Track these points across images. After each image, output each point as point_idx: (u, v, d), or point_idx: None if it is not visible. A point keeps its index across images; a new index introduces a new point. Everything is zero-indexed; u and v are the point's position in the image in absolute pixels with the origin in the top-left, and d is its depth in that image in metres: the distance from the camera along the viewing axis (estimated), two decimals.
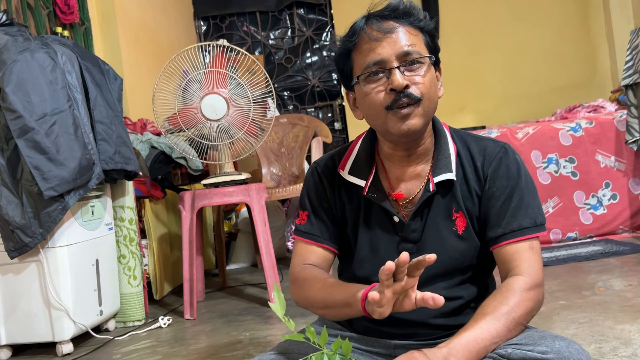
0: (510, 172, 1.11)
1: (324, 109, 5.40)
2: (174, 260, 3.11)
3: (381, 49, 1.05)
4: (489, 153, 1.13)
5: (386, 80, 1.06)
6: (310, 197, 1.24)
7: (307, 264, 1.20)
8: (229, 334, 2.20)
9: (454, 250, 1.12)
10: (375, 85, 1.07)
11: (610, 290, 2.19)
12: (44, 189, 2.00)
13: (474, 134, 1.20)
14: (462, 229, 1.12)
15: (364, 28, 1.08)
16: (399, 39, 1.06)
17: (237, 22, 5.44)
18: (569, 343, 0.97)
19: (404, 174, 1.15)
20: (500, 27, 4.97)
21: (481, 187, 1.12)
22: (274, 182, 3.76)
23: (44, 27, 2.91)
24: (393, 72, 1.05)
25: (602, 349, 1.58)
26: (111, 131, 2.31)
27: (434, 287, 1.13)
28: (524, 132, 3.29)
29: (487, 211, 1.11)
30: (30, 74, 2.04)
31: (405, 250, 1.12)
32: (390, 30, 1.06)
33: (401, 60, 1.05)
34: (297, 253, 1.24)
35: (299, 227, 1.24)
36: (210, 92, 2.53)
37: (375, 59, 1.06)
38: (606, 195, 3.27)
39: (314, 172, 1.25)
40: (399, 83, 1.04)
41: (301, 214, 1.25)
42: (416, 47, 1.06)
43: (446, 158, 1.13)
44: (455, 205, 1.12)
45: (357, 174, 1.17)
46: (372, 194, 1.14)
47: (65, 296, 2.14)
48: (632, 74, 2.99)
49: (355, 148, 1.21)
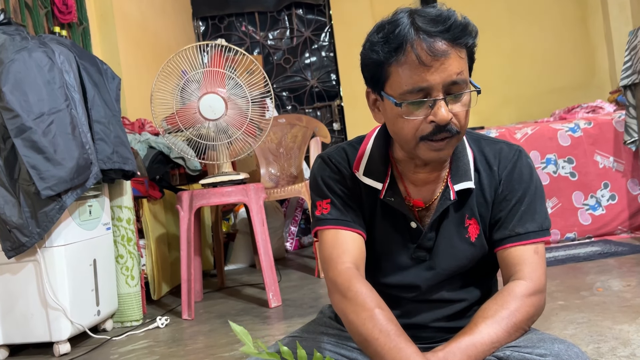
0: (523, 176, 1.09)
1: (322, 109, 5.39)
2: (172, 260, 3.10)
3: (429, 76, 0.95)
4: (504, 157, 1.11)
5: (428, 110, 0.97)
6: (328, 184, 1.13)
7: (350, 262, 1.07)
8: (226, 334, 2.19)
9: (464, 257, 1.11)
10: (415, 111, 0.98)
11: (609, 290, 2.19)
12: (41, 189, 1.99)
13: (488, 136, 1.18)
14: (474, 236, 1.10)
15: (412, 44, 0.95)
16: (449, 65, 0.95)
17: (235, 23, 5.43)
18: (568, 346, 0.96)
19: (419, 180, 1.11)
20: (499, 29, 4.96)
21: (495, 191, 1.10)
22: (273, 183, 3.75)
23: (41, 27, 2.91)
24: (438, 105, 0.96)
25: (601, 349, 1.58)
26: (109, 131, 2.31)
27: (439, 290, 1.13)
28: (523, 132, 3.29)
29: (497, 214, 1.10)
30: (28, 73, 2.03)
31: (419, 257, 1.11)
32: (442, 55, 0.94)
33: (448, 90, 0.97)
34: (329, 244, 1.10)
35: (323, 217, 1.12)
36: (209, 91, 2.53)
37: (422, 85, 0.95)
38: (605, 195, 3.27)
39: (328, 162, 1.15)
40: (443, 118, 0.96)
41: (320, 204, 1.13)
42: (463, 74, 0.98)
43: (465, 165, 1.09)
44: (469, 212, 1.10)
45: (373, 176, 1.11)
46: (390, 197, 1.10)
47: (62, 296, 2.13)
48: (631, 75, 2.99)
49: (368, 147, 1.15)
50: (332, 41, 5.29)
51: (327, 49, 5.39)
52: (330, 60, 5.37)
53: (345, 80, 5.16)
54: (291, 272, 3.38)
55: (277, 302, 2.57)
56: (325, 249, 1.10)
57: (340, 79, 5.25)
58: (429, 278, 1.12)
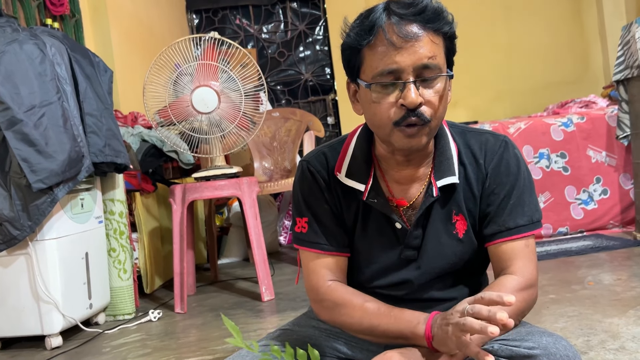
0: (510, 168, 1.08)
1: (316, 103, 5.39)
2: (165, 254, 3.10)
3: (399, 57, 0.95)
4: (490, 149, 1.10)
5: (399, 93, 0.97)
6: (307, 201, 1.13)
7: (330, 280, 1.10)
8: (219, 328, 2.19)
9: (452, 254, 1.10)
10: (386, 95, 0.98)
11: (600, 284, 2.20)
12: (32, 182, 1.98)
13: (473, 127, 1.16)
14: (462, 232, 1.09)
15: (382, 27, 0.96)
16: (420, 48, 0.95)
17: (229, 16, 5.41)
18: (557, 339, 0.96)
19: (402, 177, 1.10)
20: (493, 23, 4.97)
21: (482, 185, 1.09)
22: (266, 177, 3.75)
23: (33, 19, 2.88)
24: (408, 87, 0.95)
25: (590, 342, 1.59)
26: (101, 124, 2.30)
27: (429, 289, 1.13)
28: (516, 127, 3.30)
29: (485, 208, 1.08)
30: (19, 65, 2.02)
31: (407, 257, 1.11)
32: (413, 38, 0.94)
33: (418, 73, 0.96)
34: (310, 268, 1.12)
35: (301, 237, 1.13)
36: (202, 84, 2.52)
37: (391, 67, 0.95)
38: (597, 190, 3.28)
39: (306, 172, 1.14)
40: (412, 101, 0.95)
41: (299, 220, 1.14)
42: (437, 59, 0.97)
43: (448, 160, 1.08)
44: (456, 208, 1.09)
45: (355, 177, 1.09)
46: (373, 199, 1.08)
47: (54, 289, 2.12)
48: (624, 70, 3.00)
49: (350, 148, 1.13)
50: (327, 35, 5.28)
51: (322, 42, 5.37)
52: (325, 54, 5.36)
53: (340, 75, 5.15)
54: (284, 266, 3.38)
55: (270, 295, 2.57)
56: (305, 273, 1.15)
57: (334, 73, 5.24)
58: (418, 277, 1.11)
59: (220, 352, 1.89)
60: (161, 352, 1.99)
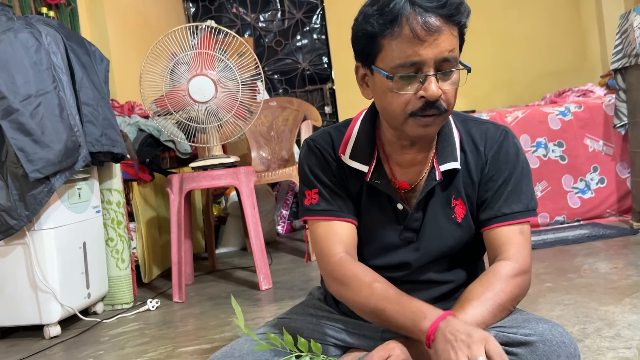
0: (509, 156, 1.10)
1: (314, 92, 5.37)
2: (163, 243, 3.10)
3: (423, 51, 0.95)
4: (490, 137, 1.12)
5: (419, 85, 0.97)
6: (315, 173, 1.15)
7: (342, 252, 1.10)
8: (217, 317, 2.20)
9: (451, 238, 1.12)
10: (406, 86, 0.98)
11: (596, 272, 2.22)
12: (29, 171, 1.98)
13: (475, 117, 1.19)
14: (461, 216, 1.11)
15: (407, 17, 0.94)
16: (442, 42, 0.95)
17: (226, 4, 5.37)
18: (552, 326, 0.97)
19: (405, 161, 1.12)
20: (491, 12, 4.94)
21: (481, 172, 1.11)
22: (264, 166, 3.74)
23: (28, 8, 2.86)
24: (429, 80, 0.96)
25: (586, 329, 1.60)
26: (97, 113, 2.29)
27: (427, 271, 1.14)
28: (514, 116, 3.30)
29: (483, 194, 1.11)
30: (14, 54, 2.00)
31: (406, 239, 1.12)
32: (436, 31, 0.94)
33: (439, 67, 0.97)
34: (321, 237, 1.12)
35: (312, 207, 1.14)
36: (198, 74, 2.51)
37: (414, 59, 0.95)
38: (594, 179, 3.29)
39: (313, 148, 1.16)
40: (433, 94, 0.96)
41: (308, 193, 1.15)
42: (454, 52, 0.98)
43: (451, 145, 1.10)
44: (455, 193, 1.11)
45: (358, 158, 1.12)
46: (376, 180, 1.11)
47: (52, 279, 2.13)
48: (621, 58, 2.99)
49: (354, 130, 1.15)
50: (324, 24, 5.25)
51: (319, 31, 5.35)
52: (322, 43, 5.33)
53: (337, 63, 5.13)
54: (282, 255, 3.39)
55: (267, 284, 2.58)
56: (317, 242, 1.13)
57: (332, 62, 5.22)
58: (417, 259, 1.13)
59: (218, 341, 1.90)
60: (159, 340, 2.00)
